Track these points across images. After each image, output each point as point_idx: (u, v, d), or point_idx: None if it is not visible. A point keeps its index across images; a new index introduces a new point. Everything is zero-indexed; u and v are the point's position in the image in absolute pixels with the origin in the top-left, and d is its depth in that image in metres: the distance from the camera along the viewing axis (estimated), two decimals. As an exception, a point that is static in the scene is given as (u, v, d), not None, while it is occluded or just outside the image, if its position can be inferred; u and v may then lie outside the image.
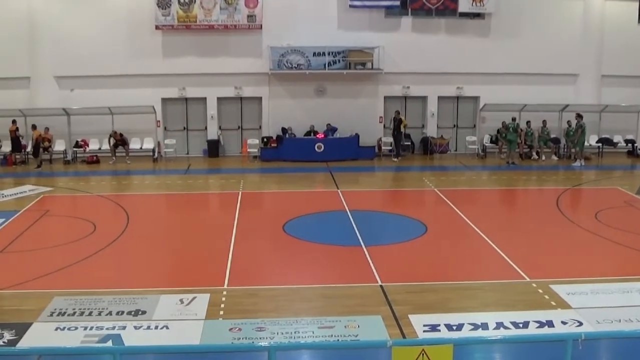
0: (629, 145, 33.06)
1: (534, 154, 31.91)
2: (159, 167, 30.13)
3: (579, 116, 30.22)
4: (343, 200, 22.83)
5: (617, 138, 33.14)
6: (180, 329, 12.09)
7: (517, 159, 30.85)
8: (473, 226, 19.29)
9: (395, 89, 32.53)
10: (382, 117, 32.60)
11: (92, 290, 13.99)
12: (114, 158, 30.47)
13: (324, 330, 11.95)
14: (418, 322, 12.30)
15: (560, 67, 32.32)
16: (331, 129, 31.62)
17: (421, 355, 7.96)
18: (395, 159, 30.96)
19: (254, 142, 31.88)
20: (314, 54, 31.28)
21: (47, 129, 29.93)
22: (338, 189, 24.85)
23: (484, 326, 12.11)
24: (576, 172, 28.75)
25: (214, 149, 31.98)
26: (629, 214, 21.38)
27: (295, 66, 31.32)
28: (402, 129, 31.15)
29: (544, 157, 31.62)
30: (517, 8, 32.02)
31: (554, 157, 31.76)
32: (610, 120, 32.81)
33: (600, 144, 32.56)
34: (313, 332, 11.85)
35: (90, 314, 12.68)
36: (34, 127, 29.70)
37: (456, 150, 33.77)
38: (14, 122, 29.60)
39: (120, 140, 30.45)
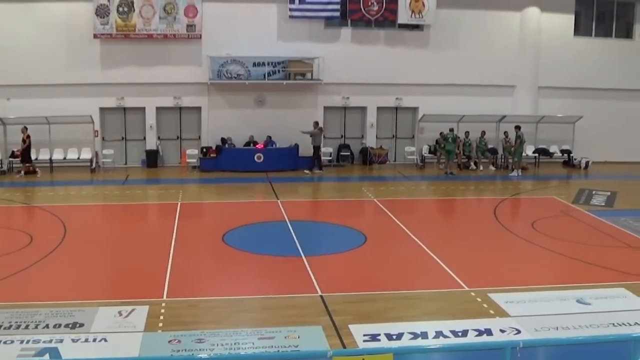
0: (565, 155, 33.72)
1: (472, 164, 32.31)
2: (97, 177, 29.67)
3: (518, 127, 30.66)
4: (283, 210, 22.79)
5: (553, 148, 33.77)
6: (118, 342, 11.90)
7: (455, 169, 31.20)
8: (412, 236, 19.43)
9: (334, 99, 32.65)
10: (322, 127, 32.57)
11: (29, 302, 13.67)
12: (21, 172, 29.20)
13: (264, 341, 11.90)
14: (358, 332, 12.32)
15: (497, 79, 32.85)
16: (271, 142, 31.57)
17: (362, 364, 7.98)
18: (319, 171, 30.80)
19: (193, 152, 31.62)
20: (254, 64, 31.20)
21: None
22: (278, 199, 24.81)
23: (424, 335, 12.20)
24: (513, 182, 29.20)
25: (152, 159, 31.65)
26: (565, 223, 21.81)
27: (234, 76, 31.19)
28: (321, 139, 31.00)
29: (481, 167, 32.08)
30: (455, 20, 32.39)
31: (492, 167, 32.23)
32: (546, 131, 33.46)
33: (536, 154, 33.15)
34: (253, 344, 11.79)
35: (26, 327, 12.41)
36: None
37: (395, 160, 33.96)
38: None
39: (24, 142, 28.64)
